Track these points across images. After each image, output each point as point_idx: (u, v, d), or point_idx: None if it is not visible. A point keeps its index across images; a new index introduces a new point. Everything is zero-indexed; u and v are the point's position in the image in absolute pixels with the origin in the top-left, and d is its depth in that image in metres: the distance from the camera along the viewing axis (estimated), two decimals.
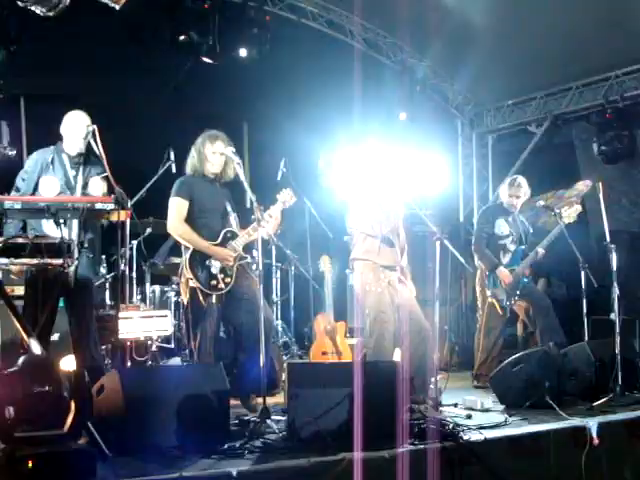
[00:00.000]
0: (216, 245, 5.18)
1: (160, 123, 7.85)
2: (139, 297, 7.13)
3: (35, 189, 4.80)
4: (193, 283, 5.08)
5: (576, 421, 4.53)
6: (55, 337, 5.21)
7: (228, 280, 5.16)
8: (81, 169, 4.95)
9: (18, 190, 4.83)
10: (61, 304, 4.84)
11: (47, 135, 5.29)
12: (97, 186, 4.84)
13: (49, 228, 4.64)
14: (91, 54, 7.15)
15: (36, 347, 3.43)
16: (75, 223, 4.69)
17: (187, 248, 5.17)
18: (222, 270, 5.15)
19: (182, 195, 5.20)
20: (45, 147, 5.05)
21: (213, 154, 5.24)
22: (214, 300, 5.10)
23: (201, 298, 5.07)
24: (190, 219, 5.21)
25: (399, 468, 3.67)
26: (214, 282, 5.11)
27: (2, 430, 3.10)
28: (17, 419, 3.11)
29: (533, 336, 6.50)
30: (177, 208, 5.19)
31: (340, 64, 7.76)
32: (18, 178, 4.88)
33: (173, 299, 7.13)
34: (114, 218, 4.40)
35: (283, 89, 8.07)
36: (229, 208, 5.37)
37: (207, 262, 5.13)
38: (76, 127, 4.93)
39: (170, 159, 6.79)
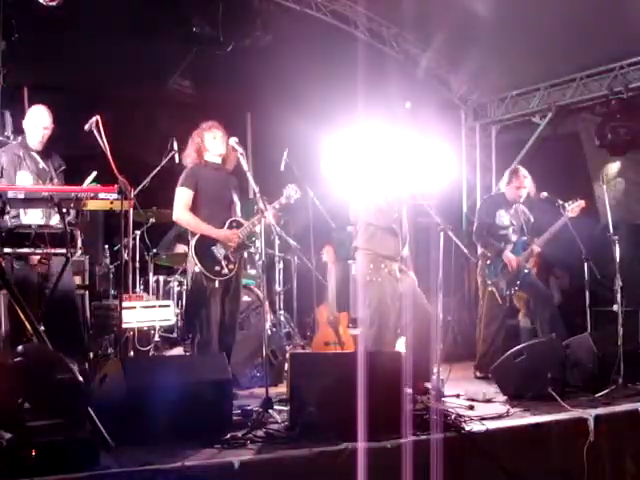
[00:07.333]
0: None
1: (163, 113, 7.84)
2: (142, 287, 7.14)
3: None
4: (198, 268, 5.20)
5: (578, 412, 4.54)
6: None
7: (232, 267, 5.29)
8: (48, 162, 5.16)
9: None
10: None
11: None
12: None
13: (27, 219, 4.70)
14: (93, 43, 7.14)
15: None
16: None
17: (193, 235, 5.30)
18: (226, 257, 5.28)
19: (187, 185, 5.33)
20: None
21: (214, 139, 5.38)
22: (217, 285, 5.19)
23: (205, 283, 5.18)
24: (196, 208, 5.33)
25: (401, 458, 3.68)
26: (218, 268, 5.24)
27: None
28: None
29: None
30: (182, 197, 5.33)
31: (343, 54, 7.74)
32: None
33: (176, 289, 7.14)
34: (117, 208, 4.42)
35: (286, 79, 8.05)
36: (235, 198, 5.45)
37: (212, 248, 5.26)
38: (37, 121, 5.10)
39: (173, 149, 6.79)
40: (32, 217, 4.70)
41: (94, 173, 4.89)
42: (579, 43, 7.43)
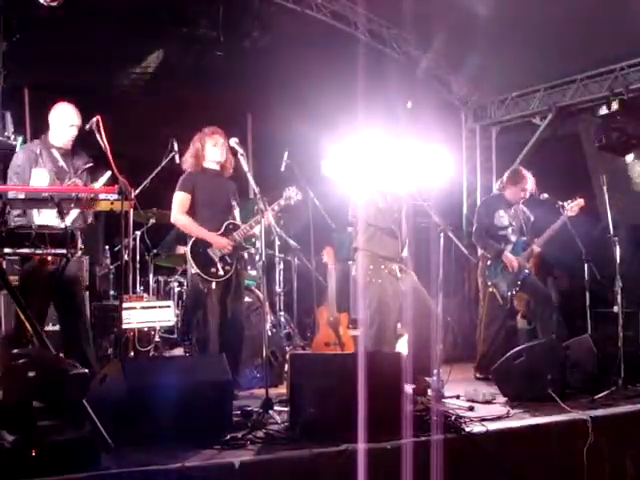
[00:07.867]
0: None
1: (164, 114, 7.83)
2: (142, 287, 7.14)
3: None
4: (194, 270, 5.28)
5: (578, 414, 4.53)
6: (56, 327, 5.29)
7: (228, 268, 5.35)
8: (69, 160, 5.07)
9: None
10: None
11: None
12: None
13: (41, 219, 4.70)
14: (93, 43, 7.15)
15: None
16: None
17: (191, 237, 5.38)
18: (222, 259, 5.34)
19: (183, 189, 5.44)
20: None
21: (214, 146, 5.44)
22: (214, 287, 5.24)
23: (201, 285, 5.25)
24: (193, 212, 5.42)
25: (401, 459, 3.67)
26: (214, 269, 5.30)
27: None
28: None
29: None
30: (178, 201, 5.43)
31: (344, 55, 7.75)
32: (10, 174, 4.94)
33: (176, 289, 7.14)
34: (117, 208, 4.42)
35: (287, 80, 8.06)
36: (234, 202, 5.49)
37: (208, 250, 5.33)
38: (66, 119, 5.03)
39: (174, 150, 6.79)
40: (46, 217, 4.67)
41: (108, 173, 4.87)
42: (579, 44, 7.44)
